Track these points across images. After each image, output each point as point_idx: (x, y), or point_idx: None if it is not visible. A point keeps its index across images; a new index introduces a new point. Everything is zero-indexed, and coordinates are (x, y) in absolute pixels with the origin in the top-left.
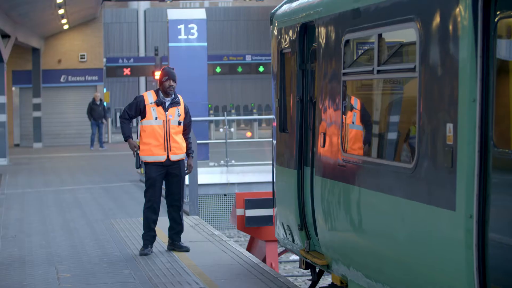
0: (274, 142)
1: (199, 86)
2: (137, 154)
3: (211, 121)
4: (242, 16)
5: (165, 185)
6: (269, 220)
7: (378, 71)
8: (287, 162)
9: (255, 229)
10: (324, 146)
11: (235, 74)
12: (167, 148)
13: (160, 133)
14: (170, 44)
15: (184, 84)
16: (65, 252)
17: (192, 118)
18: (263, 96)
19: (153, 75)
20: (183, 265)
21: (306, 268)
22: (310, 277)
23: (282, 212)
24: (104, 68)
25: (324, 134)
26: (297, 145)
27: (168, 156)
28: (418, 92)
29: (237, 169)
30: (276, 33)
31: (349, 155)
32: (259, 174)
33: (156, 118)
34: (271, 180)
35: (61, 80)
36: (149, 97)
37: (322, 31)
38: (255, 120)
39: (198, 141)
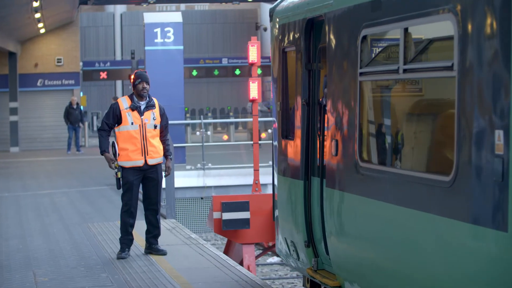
0: (275, 149)
1: (176, 90)
2: (118, 179)
3: (187, 125)
4: (218, 19)
5: (142, 188)
6: (245, 223)
7: (405, 70)
8: (291, 171)
9: (232, 232)
10: (336, 154)
11: (212, 77)
12: (145, 152)
13: (136, 137)
14: (146, 48)
15: (161, 88)
16: (43, 256)
17: (169, 122)
18: (240, 99)
19: (130, 78)
20: (160, 269)
21: None
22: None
23: (285, 226)
24: (81, 72)
25: (337, 141)
26: (303, 153)
27: (145, 161)
28: (456, 93)
29: (214, 172)
30: (277, 30)
31: (368, 165)
32: (235, 177)
33: (132, 123)
34: (247, 183)
35: (38, 84)
36: (124, 102)
37: (333, 26)
38: (231, 123)
39: (174, 145)
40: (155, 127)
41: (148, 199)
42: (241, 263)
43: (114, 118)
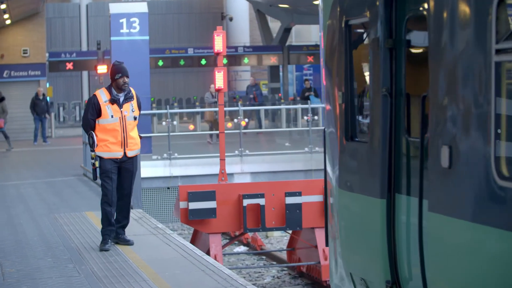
0: (332, 154)
1: (142, 80)
2: (94, 169)
3: (153, 115)
4: (184, 9)
5: (117, 179)
6: (212, 212)
7: None
8: (363, 186)
9: (198, 221)
10: (450, 166)
11: (178, 67)
12: (124, 144)
13: (117, 130)
14: (112, 38)
15: None
16: (9, 247)
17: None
18: (206, 89)
19: (96, 69)
20: (127, 259)
21: None
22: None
23: (351, 259)
24: (47, 62)
25: (450, 148)
26: (384, 161)
27: (125, 153)
28: None
29: (180, 162)
30: None
31: None
32: (202, 167)
33: (112, 116)
34: (213, 172)
35: (4, 75)
36: (102, 95)
37: None
38: (197, 113)
39: (140, 135)
40: (135, 118)
41: (121, 190)
42: (208, 253)
43: (95, 111)
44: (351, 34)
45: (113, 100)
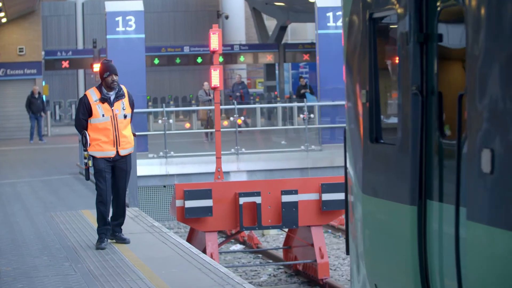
0: (354, 157)
1: (137, 78)
2: (87, 169)
3: (149, 113)
4: (179, 8)
5: (111, 178)
6: (208, 211)
7: None
8: (389, 191)
9: (194, 220)
10: (492, 171)
11: (173, 65)
12: (117, 143)
13: (109, 129)
14: (108, 36)
15: (122, 76)
16: (5, 245)
17: (134, 111)
18: (201, 87)
19: (92, 67)
20: (124, 257)
21: None
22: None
23: (377, 269)
24: (43, 61)
25: (492, 151)
26: (414, 166)
27: (117, 151)
28: None
29: (176, 160)
30: None
31: None
32: (198, 165)
33: (103, 115)
34: (210, 171)
35: (0, 73)
36: (93, 95)
37: None
38: (193, 111)
39: (137, 133)
40: (125, 117)
41: (116, 189)
42: (204, 251)
43: (86, 111)
44: (375, 29)
45: (104, 99)
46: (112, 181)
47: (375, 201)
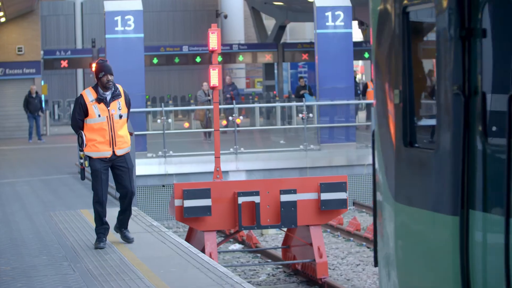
0: (384, 162)
1: (136, 78)
2: (82, 169)
3: (148, 112)
4: (178, 7)
5: (114, 179)
6: (207, 210)
7: None
8: (427, 200)
9: (193, 219)
10: None
11: (172, 65)
12: (113, 143)
13: (105, 129)
14: (107, 36)
15: (121, 76)
16: (5, 245)
17: (130, 110)
18: (200, 86)
19: (91, 67)
20: (123, 256)
21: None
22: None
23: (411, 283)
24: (42, 60)
25: None
26: (456, 173)
27: (113, 152)
28: None
29: (175, 159)
30: None
31: None
32: (197, 164)
33: (99, 115)
34: (208, 170)
35: None
36: (89, 95)
37: None
38: (192, 110)
39: (135, 132)
40: (121, 117)
41: (122, 188)
42: (203, 251)
43: (82, 111)
44: (410, 23)
45: (100, 99)
46: (117, 182)
47: (409, 210)
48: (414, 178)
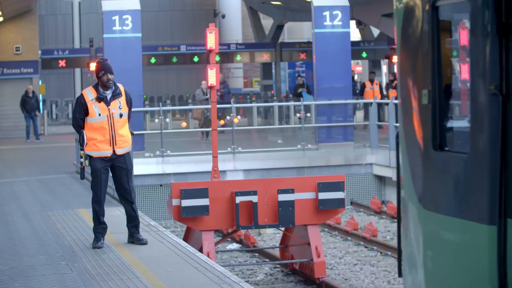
0: (411, 166)
1: (134, 77)
2: (82, 168)
3: (146, 112)
4: (176, 7)
5: (113, 179)
6: (205, 210)
7: None
8: (459, 208)
9: (191, 219)
10: None
11: (170, 64)
12: (113, 142)
13: (105, 128)
14: (104, 35)
15: (119, 75)
16: (2, 244)
17: (131, 109)
18: (198, 86)
19: (88, 66)
20: (120, 256)
21: None
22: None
23: None
24: (40, 60)
25: None
26: (494, 179)
27: (114, 151)
28: None
29: (173, 159)
30: None
31: None
32: (194, 164)
33: (99, 114)
34: (206, 170)
35: None
36: (89, 94)
37: None
38: (190, 110)
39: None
40: (121, 116)
41: (122, 190)
42: (200, 250)
43: (83, 110)
44: (438, 19)
45: (100, 98)
46: (116, 182)
47: (439, 218)
48: (444, 184)
